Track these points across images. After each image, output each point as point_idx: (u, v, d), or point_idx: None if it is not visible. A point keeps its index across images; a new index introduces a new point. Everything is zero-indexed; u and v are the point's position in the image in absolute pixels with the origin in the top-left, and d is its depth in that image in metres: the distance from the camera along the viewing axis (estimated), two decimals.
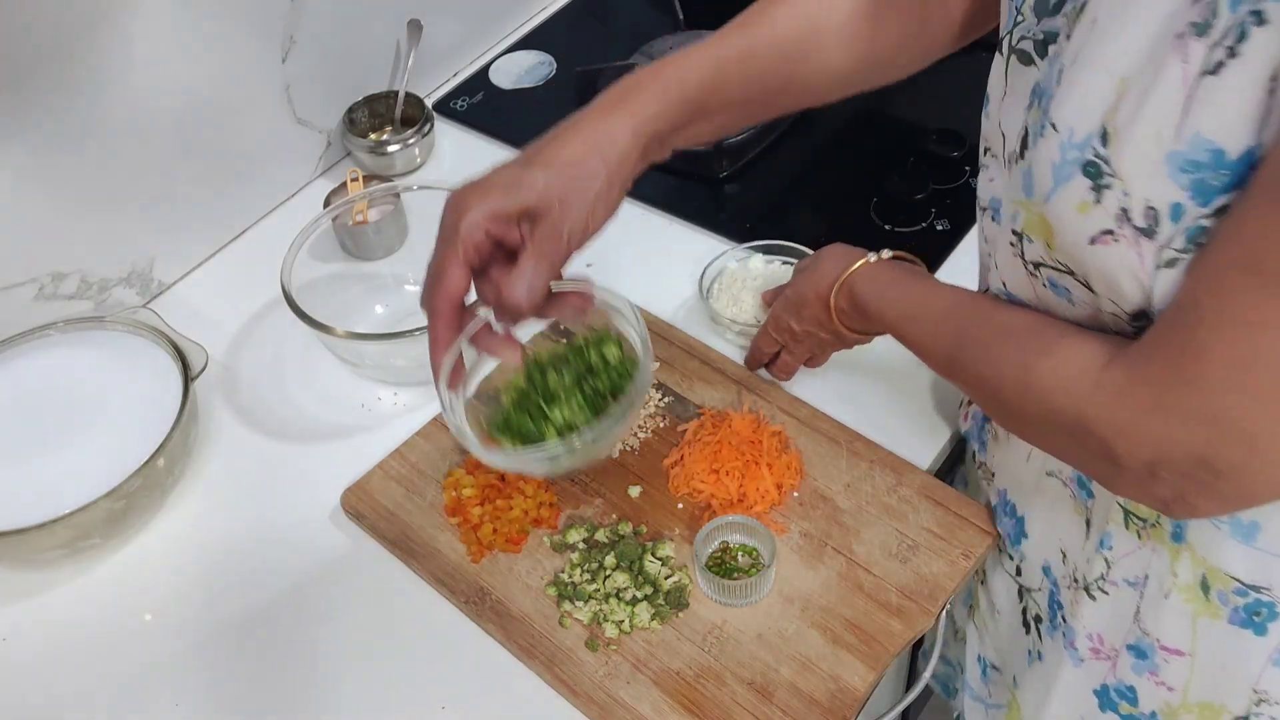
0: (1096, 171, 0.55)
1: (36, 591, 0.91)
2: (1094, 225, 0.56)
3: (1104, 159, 0.55)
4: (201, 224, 1.15)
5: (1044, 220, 0.60)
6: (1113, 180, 0.55)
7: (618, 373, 0.77)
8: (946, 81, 0.98)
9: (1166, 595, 0.71)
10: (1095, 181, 0.55)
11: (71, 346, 0.97)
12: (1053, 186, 0.58)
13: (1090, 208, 0.56)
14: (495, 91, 1.35)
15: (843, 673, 0.79)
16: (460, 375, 0.75)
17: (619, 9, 1.48)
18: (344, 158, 1.27)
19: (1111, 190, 0.55)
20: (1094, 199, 0.56)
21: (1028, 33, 0.64)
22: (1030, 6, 0.64)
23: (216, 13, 1.06)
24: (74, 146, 1.00)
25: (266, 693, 0.84)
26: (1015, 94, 0.66)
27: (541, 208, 0.67)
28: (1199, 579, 0.69)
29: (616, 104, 0.71)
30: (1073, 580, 0.78)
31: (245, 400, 1.04)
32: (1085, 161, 0.56)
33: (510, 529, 0.88)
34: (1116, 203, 0.55)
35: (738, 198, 1.20)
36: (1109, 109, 0.54)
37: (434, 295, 0.69)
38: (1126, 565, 0.73)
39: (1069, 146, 0.57)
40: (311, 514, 0.94)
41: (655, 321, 1.04)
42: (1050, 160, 0.58)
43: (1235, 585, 0.67)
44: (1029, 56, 0.64)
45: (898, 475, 0.90)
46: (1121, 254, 0.56)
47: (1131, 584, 0.73)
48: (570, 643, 0.82)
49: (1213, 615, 0.69)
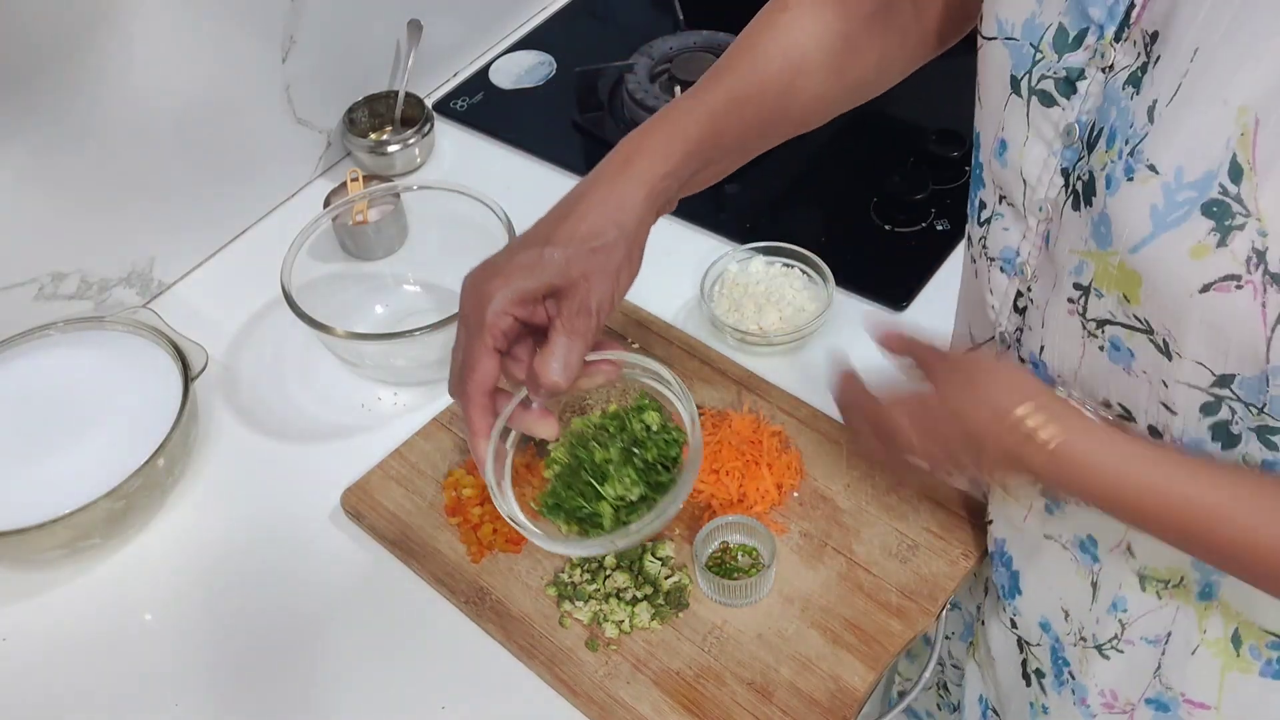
0: (1223, 211, 0.51)
1: (36, 591, 0.91)
2: (1211, 271, 0.52)
3: (1235, 197, 0.50)
4: (201, 224, 1.15)
5: (1127, 271, 0.56)
6: (1246, 220, 0.50)
7: (664, 440, 0.75)
8: (946, 81, 0.98)
9: (1193, 651, 0.70)
10: (1220, 223, 0.51)
11: (71, 346, 0.97)
12: (1151, 232, 0.53)
13: (1209, 252, 0.51)
14: (495, 91, 1.35)
15: (843, 673, 0.79)
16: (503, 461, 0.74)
17: (619, 9, 1.48)
18: (344, 158, 1.27)
19: (1243, 231, 0.50)
20: (1215, 241, 0.51)
21: (1048, 71, 0.60)
22: (1049, 43, 0.60)
23: (216, 13, 1.06)
24: (74, 146, 1.00)
25: (266, 692, 0.84)
26: (1040, 138, 0.62)
27: (566, 286, 0.67)
28: (1230, 634, 0.68)
29: (623, 169, 0.71)
30: (1080, 639, 0.76)
31: (245, 400, 1.04)
32: (1207, 201, 0.51)
33: (510, 529, 0.88)
34: (1248, 245, 0.50)
35: (738, 198, 1.20)
36: (1237, 142, 0.50)
37: (467, 385, 0.68)
38: (1144, 625, 0.71)
39: (1178, 188, 0.52)
40: (311, 514, 0.94)
41: (655, 321, 1.04)
42: (1149, 204, 0.53)
43: (1270, 639, 0.66)
44: (1050, 97, 0.60)
45: (898, 475, 0.90)
46: (1242, 304, 0.52)
47: (1151, 642, 0.72)
48: (570, 643, 0.82)
49: (1243, 669, 0.68)
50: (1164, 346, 0.57)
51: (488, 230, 1.02)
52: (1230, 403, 0.57)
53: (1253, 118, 0.49)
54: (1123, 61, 0.57)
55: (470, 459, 0.93)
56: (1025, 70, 0.62)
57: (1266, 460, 0.59)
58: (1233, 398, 0.57)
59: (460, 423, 0.97)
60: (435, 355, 0.99)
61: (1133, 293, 0.57)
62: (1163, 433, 0.62)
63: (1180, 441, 0.62)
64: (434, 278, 1.09)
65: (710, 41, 1.31)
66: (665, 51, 1.31)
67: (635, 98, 1.25)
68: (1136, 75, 0.56)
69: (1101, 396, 0.65)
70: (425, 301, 1.09)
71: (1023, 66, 0.62)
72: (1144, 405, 0.62)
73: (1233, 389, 0.56)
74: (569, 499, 0.74)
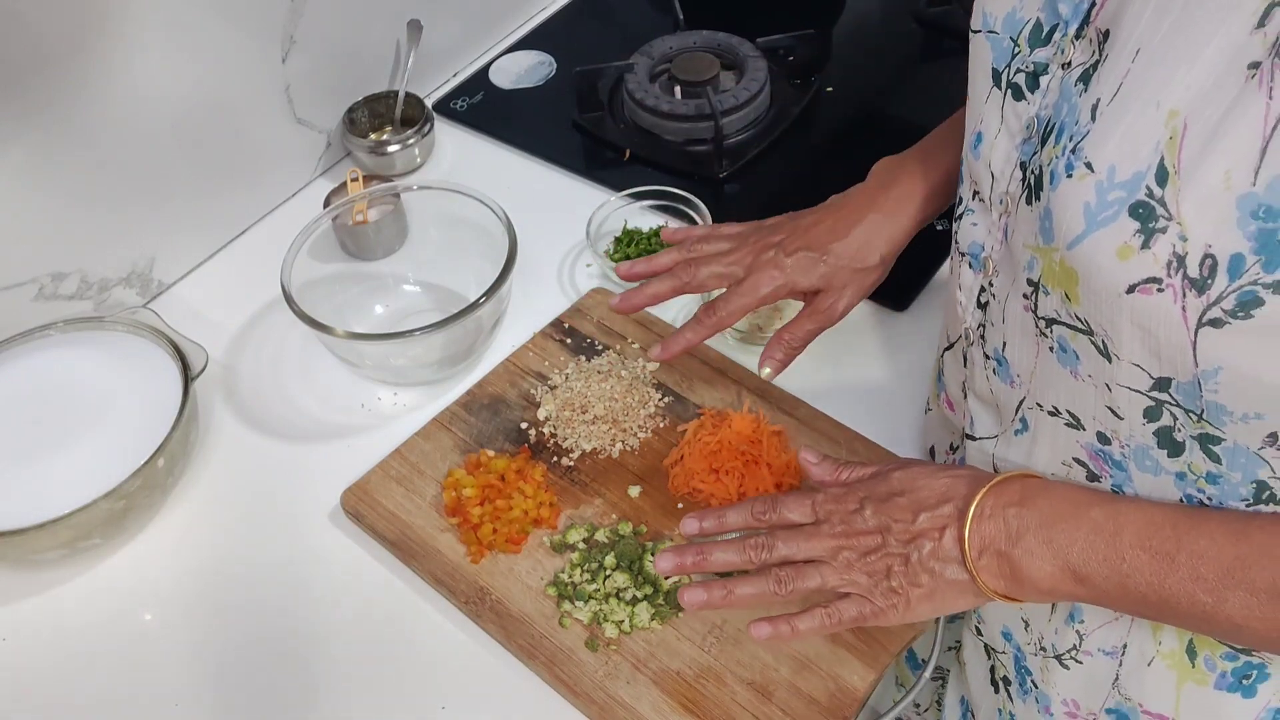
0: (1148, 214, 0.51)
1: (36, 591, 0.91)
2: (1135, 273, 0.52)
3: (1159, 200, 0.50)
4: (201, 224, 1.15)
5: (1066, 268, 0.56)
6: (1168, 224, 0.50)
7: None
8: (946, 81, 0.98)
9: (1149, 663, 0.70)
10: (1144, 224, 0.51)
11: (71, 346, 0.97)
12: (1084, 230, 0.54)
13: (1133, 253, 0.52)
14: (495, 91, 1.35)
15: (842, 672, 0.79)
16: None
17: (619, 9, 1.48)
18: (344, 158, 1.27)
19: (1165, 234, 0.50)
20: (1140, 243, 0.51)
21: (1022, 65, 0.61)
22: (1025, 37, 0.61)
23: (216, 13, 1.06)
24: (74, 146, 1.00)
25: (266, 693, 0.84)
26: (1008, 131, 0.63)
27: (826, 289, 0.85)
28: (1185, 645, 0.68)
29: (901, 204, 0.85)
30: (1040, 648, 0.77)
31: (245, 400, 1.04)
32: (1134, 202, 0.51)
33: (510, 529, 0.88)
34: (1169, 249, 0.50)
35: (738, 198, 1.20)
36: (1165, 145, 0.50)
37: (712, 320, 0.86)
38: (1100, 637, 0.72)
39: (1110, 187, 0.52)
40: (311, 514, 0.94)
41: (655, 322, 1.04)
42: (1083, 201, 0.53)
43: (1224, 650, 0.66)
44: (1020, 91, 0.61)
45: None
46: (1164, 307, 0.52)
47: (1108, 653, 0.72)
48: (570, 643, 0.82)
49: (1198, 681, 0.68)
50: (1103, 348, 0.57)
51: (488, 230, 1.02)
52: (1170, 408, 0.57)
53: (1181, 121, 0.49)
54: (1078, 58, 0.57)
55: (470, 459, 0.93)
56: (1005, 63, 0.62)
57: (1211, 473, 0.59)
58: (1172, 402, 0.57)
59: (460, 423, 0.97)
60: (435, 355, 0.99)
61: (1072, 291, 0.57)
62: (1111, 439, 0.62)
63: (1128, 447, 0.62)
64: (434, 278, 1.09)
65: (710, 41, 1.31)
66: (665, 51, 1.31)
67: (635, 98, 1.25)
68: (1088, 73, 0.56)
69: (1051, 403, 0.65)
70: (425, 301, 1.09)
71: (1003, 60, 0.63)
72: (1091, 411, 0.62)
73: (1170, 393, 0.56)
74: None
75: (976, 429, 0.75)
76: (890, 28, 1.41)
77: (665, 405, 0.97)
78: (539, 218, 1.13)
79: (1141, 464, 0.62)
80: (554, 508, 0.90)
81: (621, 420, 0.95)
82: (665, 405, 0.97)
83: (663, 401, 0.97)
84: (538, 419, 0.97)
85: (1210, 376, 0.53)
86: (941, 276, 1.08)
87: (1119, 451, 0.63)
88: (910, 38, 1.39)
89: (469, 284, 1.03)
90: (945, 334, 0.80)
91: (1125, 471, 0.63)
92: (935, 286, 1.07)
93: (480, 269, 1.01)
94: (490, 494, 0.90)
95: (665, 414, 0.97)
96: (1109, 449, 0.63)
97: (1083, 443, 0.65)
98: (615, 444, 0.94)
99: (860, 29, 1.42)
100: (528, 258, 1.07)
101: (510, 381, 1.00)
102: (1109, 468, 0.64)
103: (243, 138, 1.15)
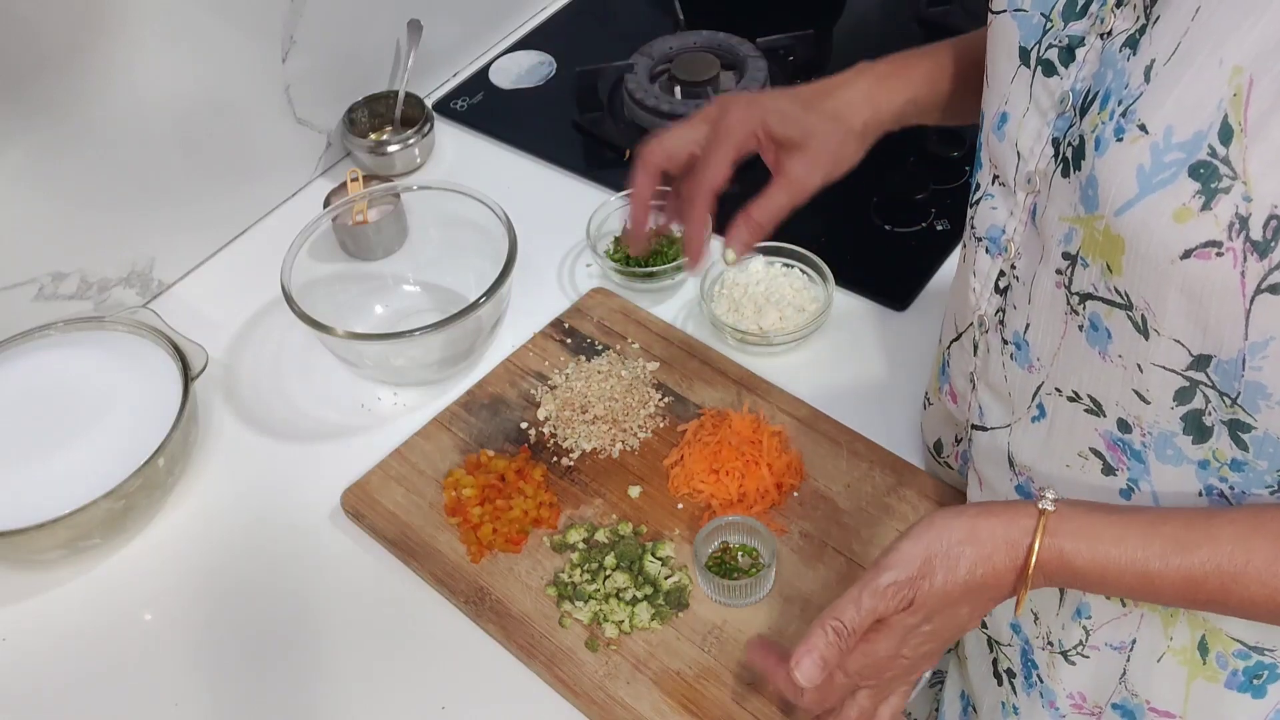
0: (1210, 173, 0.49)
1: (36, 591, 0.91)
2: (1193, 236, 0.50)
3: (1223, 159, 0.49)
4: (201, 224, 1.15)
5: (1111, 236, 0.54)
6: (1233, 183, 0.49)
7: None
8: None
9: (1159, 659, 0.69)
10: (1205, 185, 0.49)
11: (71, 346, 0.97)
12: (1137, 194, 0.52)
13: (1192, 215, 0.50)
14: (495, 91, 1.35)
15: None
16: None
17: (619, 9, 1.48)
18: (344, 158, 1.27)
19: (1228, 195, 0.49)
20: (1200, 204, 0.50)
21: (1055, 40, 0.60)
22: (1059, 11, 0.60)
23: (216, 13, 1.06)
24: (74, 146, 1.00)
25: (266, 692, 0.84)
26: (1037, 109, 0.62)
27: (801, 146, 0.78)
28: (1197, 641, 0.67)
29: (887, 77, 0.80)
30: (1047, 643, 0.76)
31: (245, 400, 1.04)
32: (1195, 162, 0.50)
33: (510, 529, 0.88)
34: (1231, 209, 0.49)
35: (738, 198, 1.20)
36: (1229, 103, 0.48)
37: (699, 184, 0.79)
38: (1108, 632, 0.71)
39: (1166, 148, 0.51)
40: (311, 514, 0.94)
41: (655, 321, 1.04)
42: (1136, 164, 0.52)
43: (1237, 648, 0.66)
44: (1052, 67, 0.60)
45: (898, 475, 0.90)
46: (1222, 273, 0.50)
47: (1116, 648, 0.71)
48: (570, 643, 0.82)
49: (1209, 678, 0.68)
50: (1142, 324, 0.56)
51: (488, 230, 1.02)
52: (1204, 389, 0.57)
53: (1247, 78, 0.48)
54: (1121, 26, 0.57)
55: (470, 458, 0.93)
56: (1035, 40, 0.62)
57: (1236, 459, 0.58)
58: (1207, 383, 0.56)
59: (460, 423, 0.97)
60: (435, 355, 0.99)
61: (1115, 260, 0.55)
62: (1133, 427, 0.62)
63: (1150, 435, 0.61)
64: (434, 278, 1.09)
65: (710, 41, 1.31)
66: (665, 51, 1.31)
67: (635, 98, 1.25)
68: (1134, 38, 0.55)
69: (1072, 387, 0.64)
70: (425, 301, 1.09)
71: (1032, 37, 0.62)
72: (1115, 395, 0.62)
73: (1208, 373, 0.56)
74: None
75: (987, 419, 0.75)
76: (890, 28, 1.41)
77: (665, 405, 0.97)
78: (539, 218, 1.13)
79: (1162, 454, 0.61)
80: (554, 508, 0.90)
81: (621, 420, 0.95)
82: (665, 405, 0.97)
83: (663, 401, 0.97)
84: (538, 419, 0.97)
85: (1258, 350, 0.52)
86: (941, 276, 1.08)
87: (1139, 440, 0.62)
88: (910, 38, 1.38)
89: (469, 284, 1.03)
90: (953, 325, 0.79)
91: (1144, 463, 0.63)
92: (935, 286, 1.07)
93: (480, 269, 1.01)
94: (490, 494, 0.90)
95: (665, 414, 0.97)
96: (1129, 438, 0.62)
97: (1101, 430, 0.64)
98: (615, 444, 0.94)
99: (860, 29, 1.42)
100: (528, 258, 1.07)
101: (510, 381, 1.00)
102: (1127, 459, 0.63)
103: (243, 138, 1.15)
